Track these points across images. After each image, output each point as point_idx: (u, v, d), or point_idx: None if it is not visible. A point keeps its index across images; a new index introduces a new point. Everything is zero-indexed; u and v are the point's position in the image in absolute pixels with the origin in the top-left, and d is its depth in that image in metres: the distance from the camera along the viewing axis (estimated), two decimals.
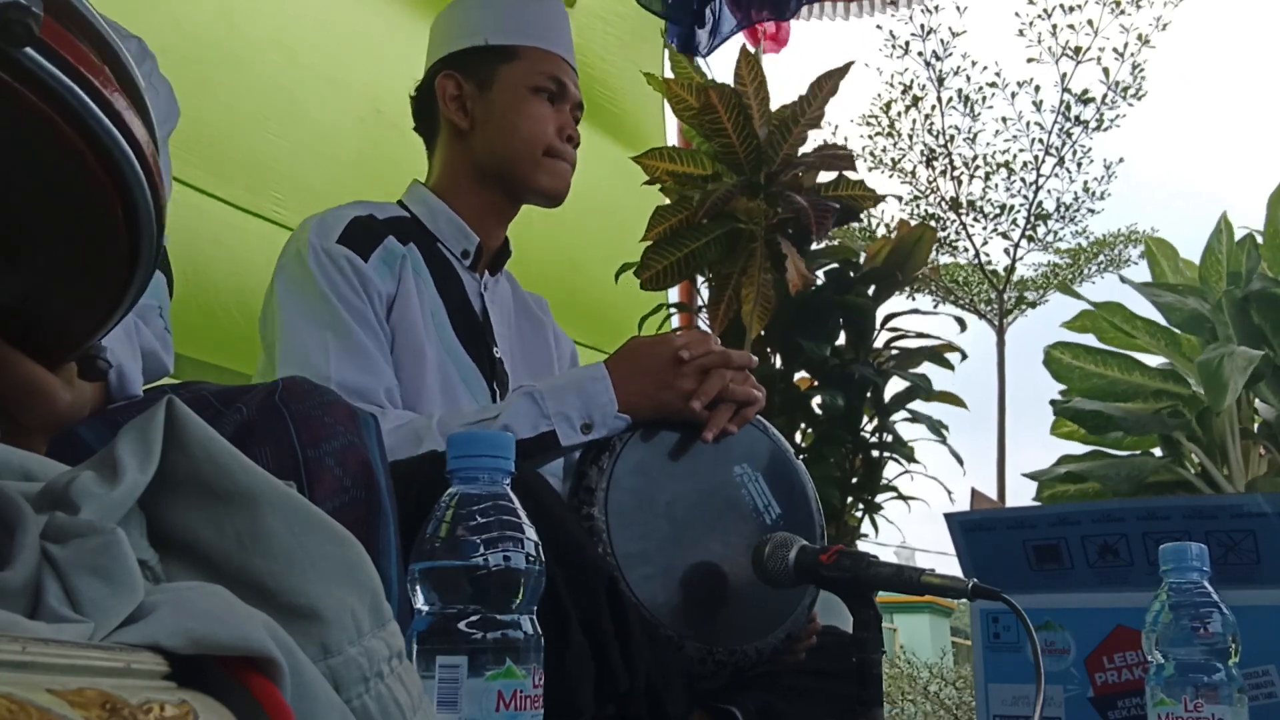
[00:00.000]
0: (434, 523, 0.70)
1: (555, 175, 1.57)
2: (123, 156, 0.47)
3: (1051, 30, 10.54)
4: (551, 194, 1.59)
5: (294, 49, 2.22)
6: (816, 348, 2.75)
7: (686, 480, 1.33)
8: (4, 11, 0.41)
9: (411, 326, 1.43)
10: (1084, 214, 11.68)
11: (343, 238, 1.42)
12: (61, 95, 0.44)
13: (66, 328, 0.53)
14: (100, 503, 0.43)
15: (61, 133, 0.45)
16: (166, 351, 0.99)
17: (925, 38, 10.78)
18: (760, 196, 2.68)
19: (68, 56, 0.44)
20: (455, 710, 0.65)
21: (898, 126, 11.29)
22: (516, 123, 1.55)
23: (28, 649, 0.32)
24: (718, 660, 1.25)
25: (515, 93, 1.55)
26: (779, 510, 1.37)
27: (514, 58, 1.56)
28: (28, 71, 0.43)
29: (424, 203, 1.57)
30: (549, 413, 1.30)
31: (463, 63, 1.58)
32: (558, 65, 1.58)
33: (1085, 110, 10.82)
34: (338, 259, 1.40)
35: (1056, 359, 4.78)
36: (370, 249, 1.43)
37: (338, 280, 1.39)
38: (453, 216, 1.56)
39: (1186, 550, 1.05)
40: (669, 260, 2.69)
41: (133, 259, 0.50)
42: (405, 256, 1.47)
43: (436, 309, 1.48)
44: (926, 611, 12.65)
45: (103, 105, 0.46)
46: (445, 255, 1.55)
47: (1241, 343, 4.20)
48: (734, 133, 2.63)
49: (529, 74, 1.56)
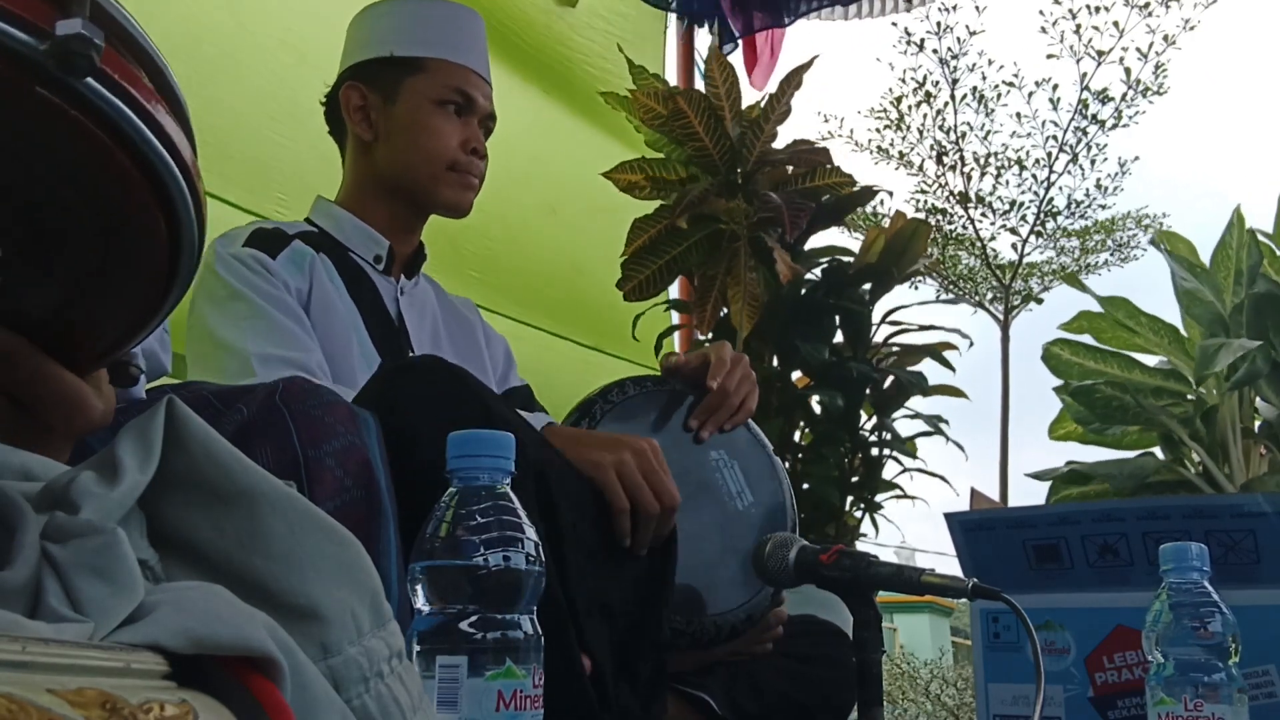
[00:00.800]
0: (434, 522, 0.70)
1: (458, 189, 1.56)
2: (171, 179, 0.47)
3: (1075, 29, 10.51)
4: (454, 207, 1.58)
5: (301, 49, 2.21)
6: (813, 348, 2.74)
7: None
8: (67, 43, 0.42)
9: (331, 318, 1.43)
10: (1095, 209, 11.66)
11: (248, 241, 1.43)
12: (118, 124, 0.45)
13: (101, 338, 0.53)
14: (100, 502, 0.43)
15: (114, 158, 0.46)
16: (165, 352, 0.99)
17: (941, 35, 10.76)
18: (739, 196, 2.68)
19: (124, 84, 0.45)
20: (455, 710, 0.65)
21: (907, 120, 11.27)
22: (418, 137, 1.54)
23: (28, 649, 0.32)
24: (674, 628, 1.27)
25: (419, 106, 1.55)
26: (751, 498, 1.40)
27: (419, 70, 1.55)
28: (87, 101, 0.44)
29: (329, 215, 1.58)
30: None
31: (368, 74, 1.58)
32: (464, 78, 1.56)
33: (1103, 109, 10.80)
34: (245, 259, 1.40)
35: (1056, 355, 4.78)
36: (277, 250, 1.44)
37: (249, 276, 1.39)
38: (360, 224, 1.56)
39: (1186, 550, 1.05)
40: (650, 269, 2.68)
41: (172, 273, 0.51)
42: (314, 258, 1.47)
43: (350, 315, 1.48)
44: (926, 611, 12.65)
45: (155, 129, 0.46)
46: (356, 261, 1.55)
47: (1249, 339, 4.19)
48: (706, 135, 2.64)
49: (433, 87, 1.55)
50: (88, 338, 0.52)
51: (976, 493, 4.54)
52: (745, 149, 2.68)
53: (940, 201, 11.50)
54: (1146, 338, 4.76)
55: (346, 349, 1.42)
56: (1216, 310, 4.55)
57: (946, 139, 11.18)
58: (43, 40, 0.42)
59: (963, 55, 10.88)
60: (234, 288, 1.38)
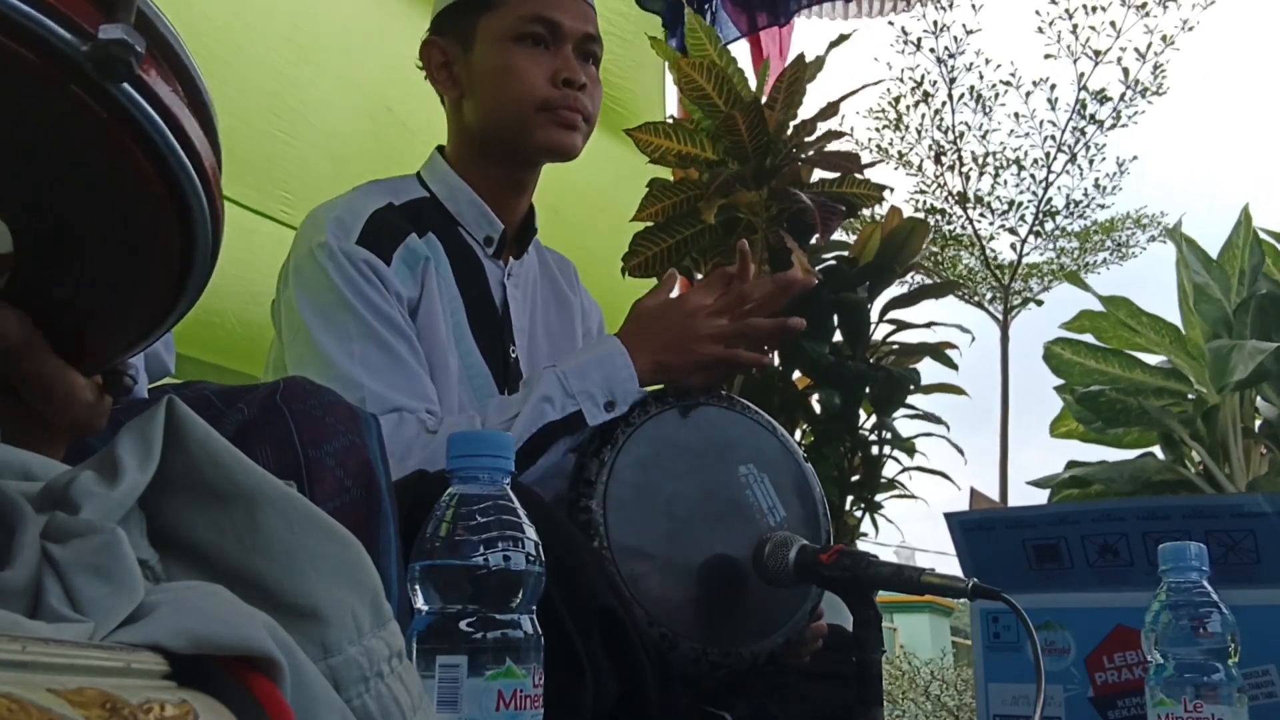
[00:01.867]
0: (434, 522, 0.70)
1: (555, 129, 1.40)
2: (193, 193, 0.48)
3: (1072, 29, 10.51)
4: (556, 150, 1.42)
5: (306, 47, 2.21)
6: (816, 346, 2.74)
7: (690, 477, 1.32)
8: (108, 47, 0.42)
9: (434, 335, 1.36)
10: (1093, 209, 11.66)
11: (362, 238, 1.32)
12: (146, 131, 0.45)
13: (104, 344, 0.54)
14: (100, 502, 0.43)
15: (139, 164, 0.46)
16: (168, 352, 0.99)
17: (938, 35, 10.76)
18: (763, 188, 2.64)
19: (158, 93, 0.46)
20: (455, 710, 0.65)
21: (905, 120, 11.27)
22: (499, 81, 1.39)
23: (28, 648, 0.32)
24: (712, 661, 1.24)
25: (497, 47, 1.40)
26: (784, 513, 1.35)
27: (492, 6, 1.41)
28: (119, 105, 0.44)
29: (444, 181, 1.46)
30: (573, 391, 1.28)
31: (445, 25, 1.45)
32: (542, 1, 1.40)
33: (1101, 109, 10.80)
34: (359, 262, 1.30)
35: (1056, 354, 4.77)
36: (391, 249, 1.34)
37: (361, 285, 1.30)
38: (474, 198, 1.45)
39: (1186, 550, 1.05)
40: (660, 246, 2.58)
41: (179, 288, 0.51)
42: (428, 258, 1.38)
43: (455, 307, 1.41)
44: (926, 611, 12.66)
45: (183, 141, 0.47)
46: (467, 242, 1.45)
47: (1255, 339, 4.19)
48: (747, 132, 2.57)
49: (507, 21, 1.40)
50: (92, 341, 0.53)
51: (976, 492, 4.53)
52: (780, 142, 2.59)
53: (939, 202, 11.51)
54: (1148, 337, 4.76)
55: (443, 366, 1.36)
56: (1223, 308, 4.54)
57: (945, 138, 11.19)
58: (85, 41, 0.42)
59: (960, 55, 10.90)
60: (344, 296, 1.29)
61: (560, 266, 1.65)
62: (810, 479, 1.42)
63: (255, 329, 1.94)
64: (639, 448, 1.31)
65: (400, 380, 1.28)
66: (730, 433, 1.37)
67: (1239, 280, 4.64)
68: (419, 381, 1.30)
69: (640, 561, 1.23)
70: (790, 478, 1.39)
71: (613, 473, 1.27)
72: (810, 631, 1.37)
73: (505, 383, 1.44)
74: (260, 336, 1.49)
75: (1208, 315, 4.54)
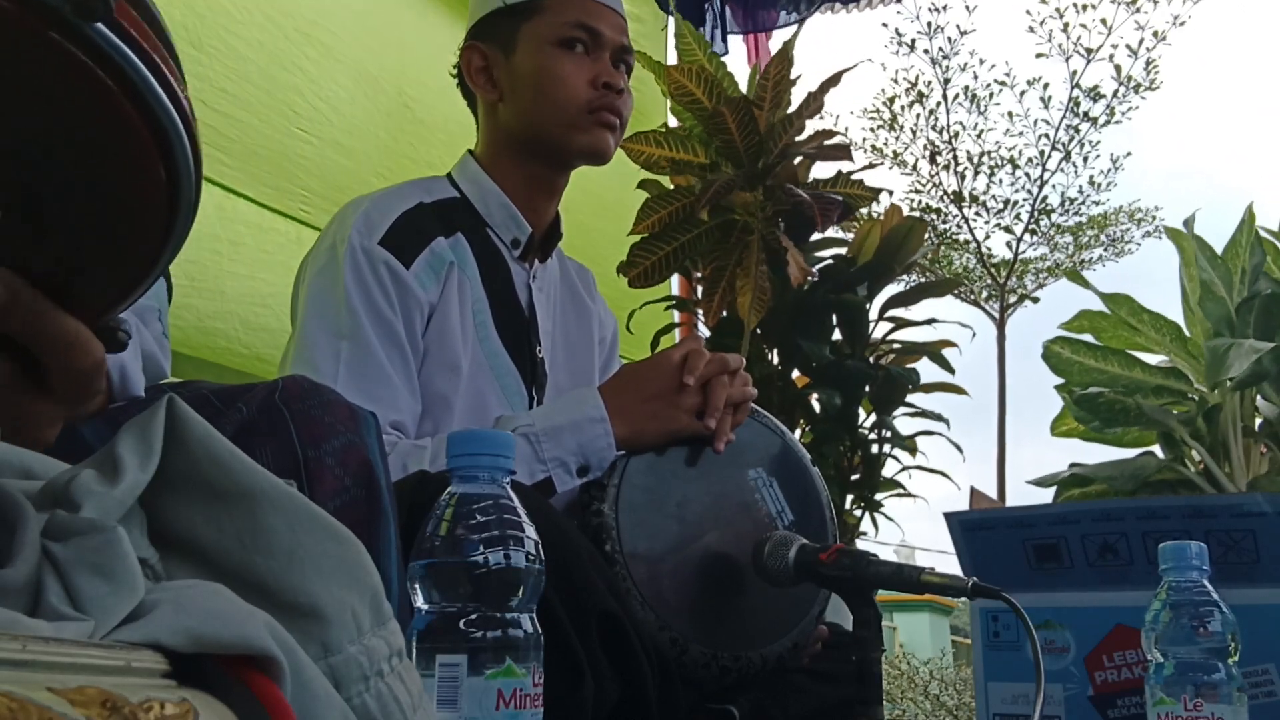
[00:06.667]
0: (434, 521, 0.70)
1: (595, 131, 1.45)
2: (175, 133, 0.48)
3: (1063, 28, 10.53)
4: (594, 153, 1.46)
5: (329, 45, 2.21)
6: (815, 346, 2.74)
7: (699, 482, 1.32)
8: None
9: (449, 337, 1.36)
10: (1088, 206, 11.68)
11: (386, 238, 1.33)
12: (126, 73, 0.45)
13: (99, 293, 0.54)
14: (101, 501, 0.43)
15: (121, 107, 0.46)
16: (165, 355, 0.99)
17: (932, 36, 10.78)
18: (758, 189, 2.64)
19: (135, 35, 0.46)
20: (455, 709, 0.65)
21: (900, 121, 11.29)
22: (542, 84, 1.43)
23: (28, 647, 0.32)
24: (722, 665, 1.25)
25: (539, 50, 1.44)
26: (792, 516, 1.35)
27: (535, 13, 1.45)
28: (99, 48, 0.44)
29: (475, 182, 1.49)
30: (545, 458, 1.26)
31: (486, 30, 1.50)
32: (585, 9, 1.45)
33: (1094, 107, 10.81)
34: (376, 264, 1.31)
35: (1056, 354, 4.76)
36: (415, 253, 1.35)
37: (370, 286, 1.30)
38: (504, 200, 1.47)
39: (1186, 549, 1.05)
40: (658, 254, 2.60)
41: (166, 234, 0.52)
42: (453, 262, 1.39)
43: (480, 308, 1.41)
44: (926, 610, 12.66)
45: (162, 82, 0.47)
46: (495, 244, 1.47)
47: (1256, 339, 4.18)
48: (736, 130, 2.58)
49: (551, 26, 1.44)
50: (86, 291, 0.53)
51: (976, 492, 4.54)
52: (771, 141, 2.61)
53: (935, 201, 11.53)
54: (1149, 336, 4.75)
55: (454, 369, 1.36)
56: (1226, 306, 4.53)
57: (939, 138, 11.20)
58: None
59: (954, 55, 10.92)
60: (349, 296, 1.29)
61: (579, 275, 1.67)
62: (817, 481, 1.42)
63: (260, 334, 1.94)
64: (645, 462, 1.31)
65: (376, 390, 1.28)
66: (739, 436, 1.37)
67: (1241, 279, 4.64)
68: (394, 396, 1.30)
69: (652, 565, 1.23)
70: (798, 481, 1.40)
71: (625, 476, 1.27)
72: (816, 633, 1.38)
73: (532, 382, 1.46)
74: (259, 340, 1.49)
75: (1212, 313, 4.53)
